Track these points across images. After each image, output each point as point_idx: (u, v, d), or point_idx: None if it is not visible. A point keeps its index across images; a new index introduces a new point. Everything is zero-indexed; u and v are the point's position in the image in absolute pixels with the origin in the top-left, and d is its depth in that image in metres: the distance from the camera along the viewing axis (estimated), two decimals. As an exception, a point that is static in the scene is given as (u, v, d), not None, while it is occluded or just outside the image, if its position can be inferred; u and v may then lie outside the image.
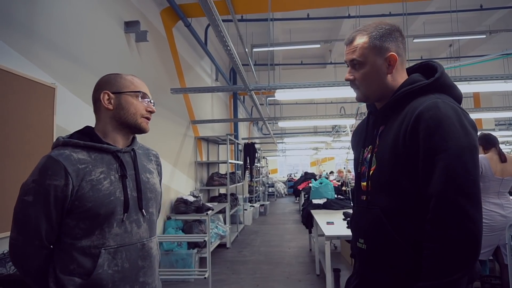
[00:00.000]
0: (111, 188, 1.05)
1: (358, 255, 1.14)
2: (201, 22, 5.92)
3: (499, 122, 11.41)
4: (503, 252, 2.92)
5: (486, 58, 5.35)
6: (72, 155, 1.03)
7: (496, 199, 2.94)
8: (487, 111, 6.54)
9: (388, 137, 1.04)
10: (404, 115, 1.01)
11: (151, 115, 1.17)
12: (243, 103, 10.45)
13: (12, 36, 2.05)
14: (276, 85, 4.25)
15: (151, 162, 1.25)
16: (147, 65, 3.97)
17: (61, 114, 2.39)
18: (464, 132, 0.92)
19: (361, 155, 1.17)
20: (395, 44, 1.07)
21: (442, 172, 0.90)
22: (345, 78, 1.13)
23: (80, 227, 1.02)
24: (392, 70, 1.08)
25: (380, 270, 1.05)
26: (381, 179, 1.05)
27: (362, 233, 1.09)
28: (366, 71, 1.08)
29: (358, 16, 5.98)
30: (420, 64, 1.15)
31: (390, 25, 1.08)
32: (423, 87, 1.03)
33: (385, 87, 1.09)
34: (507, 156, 3.01)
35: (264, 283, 3.87)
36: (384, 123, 1.10)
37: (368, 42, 1.06)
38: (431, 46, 8.69)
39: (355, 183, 1.22)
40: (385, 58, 1.06)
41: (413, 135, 0.96)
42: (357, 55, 1.07)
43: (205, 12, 2.26)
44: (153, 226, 1.18)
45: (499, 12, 6.55)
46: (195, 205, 4.29)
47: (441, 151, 0.91)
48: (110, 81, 1.12)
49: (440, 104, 0.95)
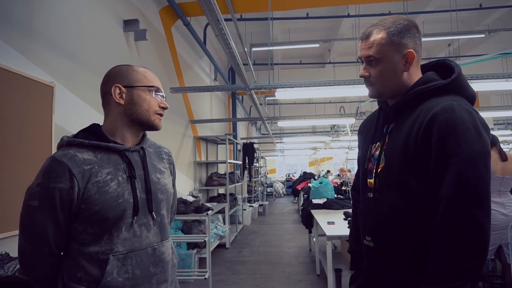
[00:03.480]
0: (119, 190, 0.98)
1: (365, 252, 1.13)
2: (200, 21, 5.90)
3: (498, 122, 11.45)
4: (505, 251, 2.91)
5: (485, 57, 5.35)
6: (77, 155, 0.97)
7: (497, 198, 2.93)
8: (486, 110, 6.55)
9: (399, 135, 1.03)
10: (418, 115, 0.99)
11: (164, 111, 1.11)
12: (241, 103, 10.43)
13: (11, 35, 2.02)
14: (276, 84, 4.23)
15: (162, 161, 1.17)
16: (146, 64, 3.94)
17: (59, 113, 2.37)
18: (478, 137, 0.91)
19: (368, 151, 1.15)
20: (412, 41, 1.04)
21: (454, 176, 0.89)
22: (360, 74, 1.09)
23: (88, 232, 0.96)
24: (409, 68, 1.05)
25: (387, 268, 1.04)
26: (390, 178, 1.03)
27: (369, 230, 1.08)
28: (382, 68, 1.05)
29: (358, 15, 5.97)
30: (437, 62, 1.13)
31: (408, 20, 1.05)
32: (440, 87, 1.01)
33: (401, 85, 1.06)
34: (508, 154, 3.01)
35: (264, 283, 3.85)
36: (395, 121, 1.07)
37: (386, 38, 1.03)
38: (430, 45, 8.69)
39: (361, 180, 1.19)
40: (402, 55, 1.04)
41: (426, 136, 0.94)
42: (374, 51, 1.04)
43: (207, 10, 2.23)
44: (165, 229, 1.10)
45: (498, 11, 6.56)
46: (194, 205, 4.26)
47: (455, 155, 0.90)
48: (121, 74, 1.05)
49: (455, 107, 0.94)
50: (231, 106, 9.03)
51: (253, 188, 10.25)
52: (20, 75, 2.02)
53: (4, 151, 1.91)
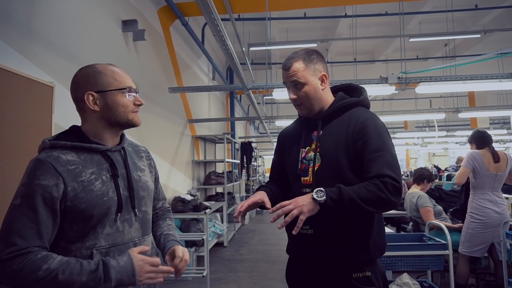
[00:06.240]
0: (104, 189, 1.02)
1: (300, 239, 1.30)
2: (198, 21, 5.92)
3: (494, 121, 11.52)
4: (497, 249, 2.96)
5: (481, 58, 5.39)
6: (60, 156, 0.99)
7: (491, 196, 2.98)
8: (482, 110, 6.62)
9: (332, 139, 1.29)
10: (347, 121, 1.29)
11: (139, 107, 1.12)
12: (239, 102, 10.45)
13: (11, 35, 2.05)
14: (273, 84, 4.27)
15: (141, 159, 1.21)
16: (145, 64, 3.97)
17: (59, 113, 2.39)
18: (388, 136, 1.27)
19: (300, 155, 1.35)
20: (322, 65, 1.34)
21: (382, 162, 1.19)
22: (290, 98, 1.35)
23: (74, 229, 0.99)
24: (325, 87, 1.34)
25: (325, 248, 1.26)
26: (327, 173, 1.26)
27: (307, 220, 1.16)
28: (307, 89, 1.31)
29: (355, 15, 6.01)
30: (342, 86, 1.45)
31: (315, 50, 1.35)
32: (356, 102, 1.35)
33: (322, 101, 1.34)
34: (500, 153, 3.04)
35: (262, 281, 3.90)
36: (322, 129, 1.33)
37: (304, 65, 1.30)
38: (426, 46, 8.73)
39: (291, 180, 1.38)
40: (319, 77, 1.32)
41: (360, 134, 1.24)
42: (298, 76, 1.29)
43: (204, 10, 2.27)
44: (147, 225, 1.15)
45: (494, 11, 6.60)
46: (192, 204, 4.29)
47: (381, 149, 1.22)
48: (90, 79, 1.05)
49: (373, 115, 1.30)
50: (229, 105, 9.06)
51: (251, 187, 10.29)
52: (20, 75, 2.04)
53: (4, 151, 1.93)
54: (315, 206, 1.14)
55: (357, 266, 1.25)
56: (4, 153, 1.93)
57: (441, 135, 10.78)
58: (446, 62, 7.34)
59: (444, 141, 13.43)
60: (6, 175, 1.94)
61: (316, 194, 1.14)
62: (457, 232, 3.22)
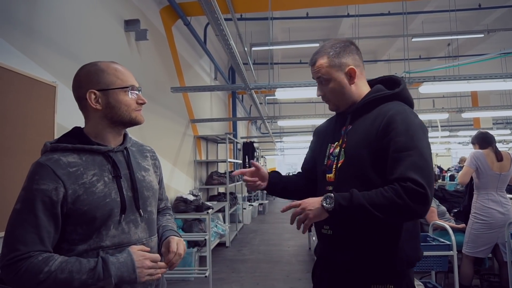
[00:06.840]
0: (106, 190, 1.00)
1: (322, 240, 1.27)
2: (200, 21, 5.91)
3: (497, 121, 11.47)
4: (502, 250, 2.94)
5: (484, 57, 5.37)
6: (61, 159, 0.98)
7: (495, 196, 2.95)
8: (485, 110, 6.58)
9: (357, 135, 1.19)
10: (375, 116, 1.17)
11: (142, 106, 1.11)
12: (241, 102, 10.44)
13: (13, 34, 2.04)
14: (276, 84, 4.26)
15: (146, 159, 1.19)
16: (147, 63, 3.96)
17: (62, 113, 2.39)
18: (423, 135, 1.12)
19: (327, 150, 1.29)
20: (351, 58, 1.24)
21: (408, 164, 1.05)
22: (317, 95, 1.30)
23: (77, 232, 0.98)
24: (354, 81, 1.24)
25: (344, 251, 1.18)
26: (349, 171, 1.18)
27: (328, 220, 1.14)
28: (332, 86, 1.24)
29: (357, 15, 5.99)
30: (383, 78, 1.33)
31: (344, 41, 1.26)
32: (390, 95, 1.22)
33: (351, 96, 1.25)
34: (503, 153, 3.03)
35: (264, 281, 3.88)
36: (352, 124, 1.24)
37: (327, 61, 1.22)
38: (429, 45, 8.70)
39: (319, 176, 1.32)
40: (345, 72, 1.23)
41: (386, 131, 1.11)
42: (322, 73, 1.23)
43: (207, 10, 2.26)
44: (153, 225, 1.13)
45: (497, 11, 6.57)
46: (194, 204, 4.29)
47: (410, 148, 1.07)
48: (92, 77, 1.04)
49: (407, 110, 1.16)
50: (231, 105, 9.05)
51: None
52: (22, 75, 2.04)
53: (6, 150, 1.93)
54: (322, 213, 1.09)
55: (378, 277, 1.13)
56: (6, 153, 1.93)
57: (444, 135, 10.74)
58: (449, 62, 7.31)
59: (447, 141, 13.40)
60: (8, 174, 1.93)
61: (324, 201, 1.09)
62: (460, 233, 3.20)
